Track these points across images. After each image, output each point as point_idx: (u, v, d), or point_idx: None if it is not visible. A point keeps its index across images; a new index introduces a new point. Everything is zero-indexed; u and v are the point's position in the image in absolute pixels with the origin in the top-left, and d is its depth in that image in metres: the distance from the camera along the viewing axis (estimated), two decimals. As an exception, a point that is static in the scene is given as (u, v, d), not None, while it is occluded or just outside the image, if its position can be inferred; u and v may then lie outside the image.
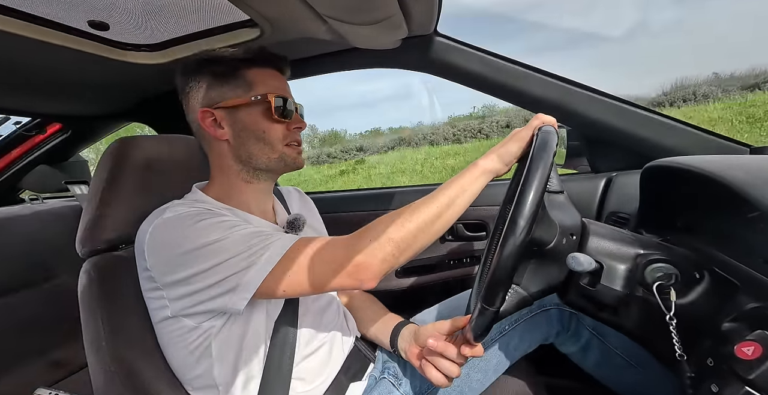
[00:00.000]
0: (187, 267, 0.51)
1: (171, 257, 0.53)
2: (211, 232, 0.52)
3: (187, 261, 0.51)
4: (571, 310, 0.71)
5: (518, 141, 0.57)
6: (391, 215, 0.54)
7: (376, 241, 0.51)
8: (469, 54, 0.88)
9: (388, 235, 0.52)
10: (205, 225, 0.52)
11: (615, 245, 0.52)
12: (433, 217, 0.53)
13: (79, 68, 0.82)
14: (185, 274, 0.51)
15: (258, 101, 0.60)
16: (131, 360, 0.57)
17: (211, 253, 0.51)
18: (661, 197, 0.66)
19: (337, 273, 0.51)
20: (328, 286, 0.53)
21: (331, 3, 0.62)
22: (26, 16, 0.62)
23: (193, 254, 0.51)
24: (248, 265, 0.51)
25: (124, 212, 0.64)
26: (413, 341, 0.66)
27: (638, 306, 0.50)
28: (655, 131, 0.83)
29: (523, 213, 0.43)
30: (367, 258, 0.51)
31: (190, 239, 0.51)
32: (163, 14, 0.71)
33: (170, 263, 0.53)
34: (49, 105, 1.05)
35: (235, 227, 0.53)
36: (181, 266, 0.52)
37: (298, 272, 0.52)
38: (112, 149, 0.64)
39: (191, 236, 0.52)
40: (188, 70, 0.62)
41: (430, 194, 0.56)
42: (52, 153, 1.33)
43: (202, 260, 0.51)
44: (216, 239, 0.51)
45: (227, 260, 0.51)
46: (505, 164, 0.58)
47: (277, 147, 0.62)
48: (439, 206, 0.54)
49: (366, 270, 0.51)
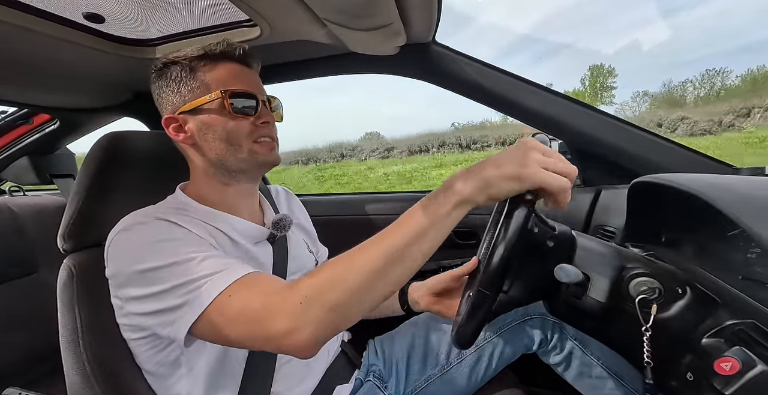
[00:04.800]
0: (136, 287, 0.48)
1: (124, 273, 0.50)
2: (162, 256, 0.47)
3: (136, 281, 0.48)
4: (554, 319, 0.71)
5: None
6: (334, 263, 0.44)
7: (309, 304, 0.41)
8: (466, 64, 0.89)
9: (322, 296, 0.41)
10: (159, 248, 0.48)
11: (602, 258, 0.53)
12: (380, 270, 0.41)
13: (72, 60, 0.81)
14: (135, 293, 0.48)
15: (215, 99, 0.56)
16: (110, 361, 0.56)
17: (157, 279, 0.47)
18: (646, 212, 0.67)
19: (265, 341, 0.43)
20: (258, 348, 0.46)
21: (331, 7, 0.62)
22: (18, 4, 0.61)
23: (142, 276, 0.48)
24: (183, 302, 0.45)
25: (110, 209, 0.63)
26: (425, 290, 0.70)
27: (621, 318, 0.51)
28: (644, 147, 0.86)
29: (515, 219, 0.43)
30: (296, 324, 0.41)
31: (142, 259, 0.48)
32: (160, 9, 0.71)
33: (123, 279, 0.50)
34: (38, 96, 1.02)
35: (190, 254, 0.48)
36: (131, 285, 0.49)
37: (222, 327, 0.44)
38: (102, 143, 0.63)
39: (143, 256, 0.48)
40: (154, 78, 0.61)
41: (381, 233, 0.43)
42: (38, 145, 1.30)
43: (148, 284, 0.47)
44: (164, 264, 0.47)
45: (169, 291, 0.46)
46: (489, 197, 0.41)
47: (244, 145, 0.58)
48: (391, 254, 0.41)
49: (295, 341, 0.41)
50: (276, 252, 0.66)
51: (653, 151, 0.85)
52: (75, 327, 0.56)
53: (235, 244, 0.59)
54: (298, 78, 1.01)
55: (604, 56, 79.32)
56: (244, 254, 0.60)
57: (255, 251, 0.62)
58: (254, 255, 0.62)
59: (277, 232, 0.65)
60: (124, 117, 1.24)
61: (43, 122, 1.26)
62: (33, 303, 1.07)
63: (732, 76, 24.81)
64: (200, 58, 0.58)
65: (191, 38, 0.81)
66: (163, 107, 0.61)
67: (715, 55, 65.52)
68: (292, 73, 0.99)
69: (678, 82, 32.22)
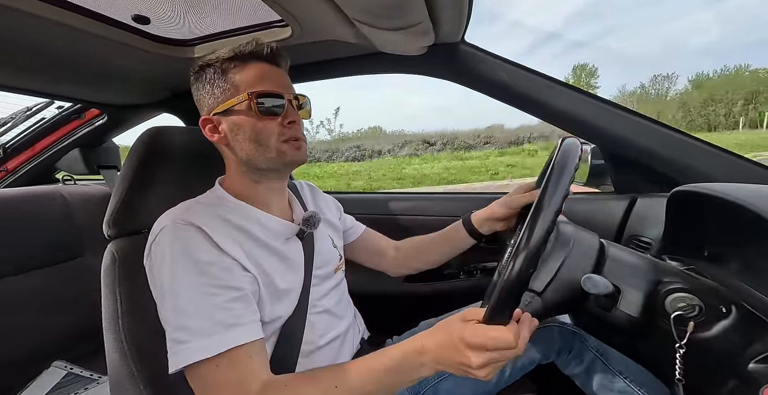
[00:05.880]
0: (157, 296, 0.54)
1: (152, 278, 0.55)
2: (178, 283, 0.51)
3: (158, 292, 0.54)
4: (574, 329, 0.69)
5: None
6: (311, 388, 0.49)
7: None
8: (496, 65, 0.87)
9: None
10: (179, 270, 0.52)
11: (635, 269, 0.50)
12: None
13: (120, 59, 0.86)
14: (156, 298, 0.55)
15: (243, 101, 0.58)
16: (144, 343, 0.59)
17: (165, 304, 0.52)
18: (687, 224, 0.63)
19: None
20: None
21: (361, 7, 0.63)
22: (75, 7, 0.67)
23: (159, 293, 0.53)
24: (173, 345, 0.50)
25: (150, 199, 0.67)
26: (485, 218, 0.77)
27: (653, 334, 0.48)
28: (683, 152, 0.80)
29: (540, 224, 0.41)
30: None
31: (161, 278, 0.53)
32: (200, 10, 0.74)
33: (151, 279, 0.56)
34: (91, 92, 1.11)
35: (202, 292, 0.51)
36: (155, 291, 0.55)
37: (197, 389, 0.50)
38: (143, 138, 0.67)
39: (167, 273, 0.52)
40: (193, 80, 0.63)
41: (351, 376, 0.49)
42: (88, 137, 1.40)
43: (161, 302, 0.53)
44: (176, 293, 0.51)
45: (169, 322, 0.52)
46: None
47: (272, 145, 0.60)
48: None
49: None
50: (305, 248, 0.68)
51: (694, 156, 0.79)
52: (116, 308, 0.60)
53: (263, 246, 0.61)
54: (326, 77, 1.02)
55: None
56: (274, 254, 0.62)
57: (285, 250, 0.64)
58: (285, 254, 0.63)
59: (306, 229, 0.67)
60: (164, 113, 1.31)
61: (93, 116, 1.36)
62: (78, 285, 1.14)
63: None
64: (231, 60, 0.59)
65: (227, 38, 0.85)
66: (200, 108, 0.64)
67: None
68: (321, 72, 1.01)
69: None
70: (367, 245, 0.89)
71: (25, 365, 1.05)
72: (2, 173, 1.45)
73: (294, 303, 0.62)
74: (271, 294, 0.59)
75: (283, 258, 0.63)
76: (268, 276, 0.59)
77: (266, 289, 0.58)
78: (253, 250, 0.59)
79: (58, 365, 1.09)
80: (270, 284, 0.59)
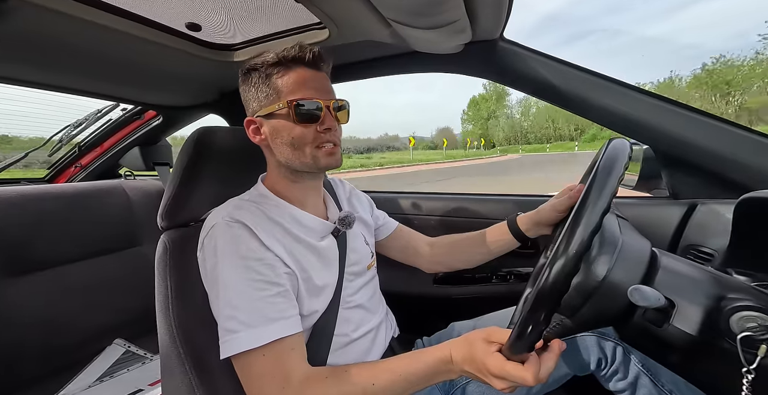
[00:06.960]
0: (209, 288, 0.59)
1: (204, 270, 0.60)
2: (228, 276, 0.55)
3: (210, 285, 0.58)
4: (615, 340, 0.64)
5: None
6: (354, 380, 0.52)
7: None
8: (537, 61, 0.83)
9: None
10: (227, 266, 0.56)
11: (693, 283, 0.46)
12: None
13: (175, 64, 0.93)
14: (207, 289, 0.59)
15: (283, 108, 0.60)
16: (191, 327, 0.63)
17: (215, 295, 0.56)
18: (758, 235, 0.56)
19: None
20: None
21: (396, 7, 0.63)
22: (136, 17, 0.73)
23: (215, 284, 0.57)
24: (224, 333, 0.54)
25: (199, 194, 0.71)
26: (532, 222, 0.74)
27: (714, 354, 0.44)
28: (751, 153, 0.71)
29: (581, 231, 0.38)
30: None
31: (217, 270, 0.56)
32: (245, 17, 0.78)
33: (203, 272, 0.60)
34: (149, 95, 1.21)
35: (248, 284, 0.55)
36: (207, 283, 0.59)
37: (243, 378, 0.54)
38: (193, 137, 0.71)
39: (217, 267, 0.56)
40: (240, 82, 0.66)
41: (393, 370, 0.53)
42: (146, 137, 1.53)
43: (217, 292, 0.56)
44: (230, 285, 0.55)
45: (219, 312, 0.55)
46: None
47: (307, 151, 0.62)
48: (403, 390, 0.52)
49: None
50: (339, 246, 0.70)
51: (764, 157, 0.70)
52: (167, 294, 0.64)
53: (301, 242, 0.64)
54: (362, 77, 1.03)
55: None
56: (311, 251, 0.64)
57: (321, 247, 0.66)
58: (321, 252, 0.66)
59: (342, 228, 0.70)
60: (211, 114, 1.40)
61: (151, 117, 1.48)
62: (138, 271, 1.26)
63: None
64: (275, 65, 0.61)
65: (267, 42, 0.89)
66: (246, 109, 0.67)
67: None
68: (357, 72, 1.02)
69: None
70: (399, 241, 0.89)
71: (92, 341, 1.17)
72: (78, 168, 1.63)
73: (329, 298, 0.64)
74: (309, 290, 0.61)
75: (319, 255, 0.65)
76: (306, 272, 0.61)
77: (305, 284, 0.61)
78: (293, 247, 0.62)
79: (119, 343, 1.21)
80: (308, 280, 0.61)
